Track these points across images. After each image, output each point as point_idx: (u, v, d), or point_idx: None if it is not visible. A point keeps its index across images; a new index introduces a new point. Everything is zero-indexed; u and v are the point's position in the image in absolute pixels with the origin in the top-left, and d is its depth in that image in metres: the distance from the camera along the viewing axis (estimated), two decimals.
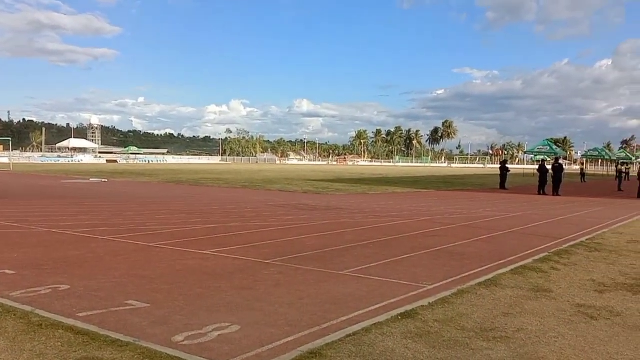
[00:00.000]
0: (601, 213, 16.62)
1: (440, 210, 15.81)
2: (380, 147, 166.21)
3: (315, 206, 16.12)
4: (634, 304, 5.72)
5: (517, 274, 6.98)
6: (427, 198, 21.18)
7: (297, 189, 24.63)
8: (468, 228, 11.82)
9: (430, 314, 5.11)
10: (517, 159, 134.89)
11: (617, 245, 9.80)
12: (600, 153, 66.18)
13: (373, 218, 13.14)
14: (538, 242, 9.87)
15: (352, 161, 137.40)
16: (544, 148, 47.57)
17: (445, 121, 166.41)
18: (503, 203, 19.52)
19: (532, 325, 4.88)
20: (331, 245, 8.94)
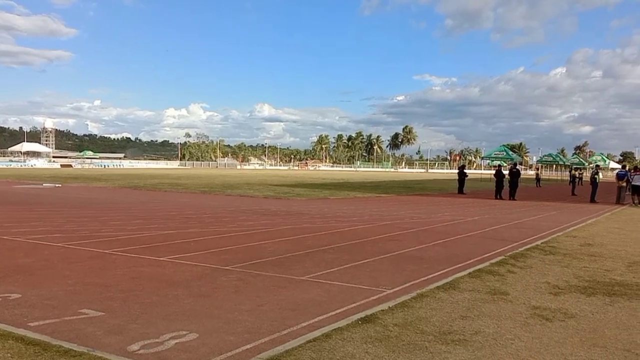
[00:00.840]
0: (555, 217, 17.08)
1: (400, 214, 15.96)
2: (342, 152, 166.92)
3: (276, 211, 16.04)
4: (587, 305, 5.87)
5: (475, 277, 7.09)
6: (387, 203, 21.37)
7: (258, 194, 24.47)
8: (427, 232, 11.96)
9: (390, 318, 5.13)
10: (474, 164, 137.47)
11: (570, 248, 10.06)
12: (555, 158, 68.18)
13: (334, 223, 13.16)
14: (495, 246, 10.06)
15: (314, 166, 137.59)
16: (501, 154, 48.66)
17: (405, 127, 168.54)
18: (461, 207, 19.85)
19: (489, 327, 4.95)
20: (292, 251, 8.90)
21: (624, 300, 6.15)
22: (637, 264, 8.60)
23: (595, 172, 28.28)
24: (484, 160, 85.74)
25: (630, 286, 6.90)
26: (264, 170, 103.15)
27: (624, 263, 8.63)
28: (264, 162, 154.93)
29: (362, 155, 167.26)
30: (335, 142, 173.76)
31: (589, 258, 9.01)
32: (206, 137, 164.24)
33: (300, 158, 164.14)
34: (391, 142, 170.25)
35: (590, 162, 62.69)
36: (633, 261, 8.83)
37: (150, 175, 49.08)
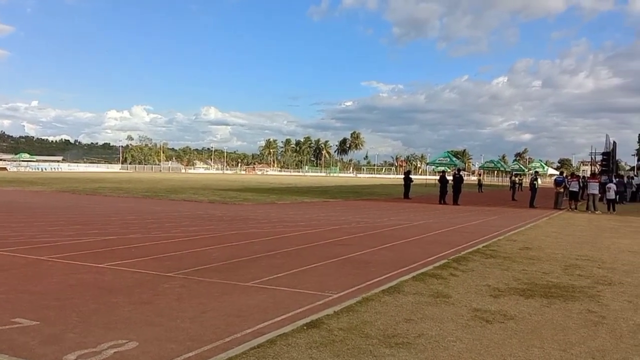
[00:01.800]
0: (496, 221, 17.59)
1: (347, 219, 16.06)
2: (290, 157, 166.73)
3: (222, 216, 15.83)
4: (526, 307, 6.05)
5: (419, 281, 7.19)
6: (335, 207, 21.47)
7: (203, 199, 24.09)
8: (373, 237, 12.07)
9: (335, 322, 5.13)
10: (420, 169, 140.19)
11: (510, 252, 10.37)
12: (496, 165, 70.38)
13: (281, 228, 13.10)
14: (438, 250, 10.25)
15: (261, 170, 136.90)
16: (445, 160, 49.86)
17: (353, 132, 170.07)
18: (407, 212, 20.17)
19: (432, 330, 5.02)
20: (238, 256, 8.78)
21: (560, 301, 6.38)
22: (573, 266, 8.94)
23: (534, 178, 29.38)
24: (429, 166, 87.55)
25: (567, 288, 7.16)
26: (210, 174, 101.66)
27: (561, 266, 8.95)
28: (210, 166, 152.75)
29: (311, 160, 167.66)
30: (284, 146, 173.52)
31: (528, 261, 9.30)
32: (149, 140, 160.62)
33: (247, 162, 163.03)
34: (339, 147, 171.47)
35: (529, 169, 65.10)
36: (569, 264, 9.18)
37: (90, 179, 47.53)
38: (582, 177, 33.72)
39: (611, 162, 40.21)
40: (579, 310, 6.01)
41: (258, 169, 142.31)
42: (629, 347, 4.78)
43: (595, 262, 9.44)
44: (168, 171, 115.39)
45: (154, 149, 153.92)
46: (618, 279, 7.98)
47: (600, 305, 6.29)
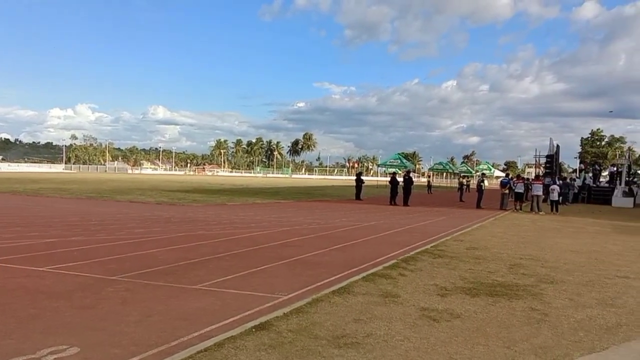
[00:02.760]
0: (444, 222, 17.92)
1: (299, 220, 16.01)
2: (241, 158, 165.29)
3: (170, 218, 15.49)
4: (472, 306, 6.17)
5: (368, 281, 7.22)
6: (286, 209, 21.38)
7: (150, 200, 23.54)
8: (324, 238, 12.08)
9: (284, 324, 5.08)
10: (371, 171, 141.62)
11: (457, 251, 10.57)
12: (445, 167, 71.97)
13: (231, 229, 12.93)
14: (388, 250, 10.34)
15: (212, 171, 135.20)
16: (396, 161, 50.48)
17: (306, 133, 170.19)
18: (358, 213, 20.29)
19: (381, 329, 5.05)
20: (185, 259, 8.60)
21: (505, 300, 6.53)
22: (518, 265, 9.19)
23: (481, 180, 30.13)
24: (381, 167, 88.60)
25: (511, 287, 7.35)
26: (158, 175, 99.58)
27: (506, 265, 9.19)
28: (158, 166, 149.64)
29: (262, 161, 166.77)
30: (234, 147, 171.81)
31: (474, 261, 9.50)
32: (94, 140, 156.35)
33: (197, 163, 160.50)
34: (291, 148, 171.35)
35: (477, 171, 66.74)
36: (514, 263, 9.43)
37: (32, 180, 45.71)
38: (527, 179, 34.84)
39: (555, 165, 41.65)
40: (522, 308, 6.17)
41: (208, 169, 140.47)
42: (569, 343, 4.94)
43: (538, 262, 9.73)
44: (114, 172, 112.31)
45: (99, 149, 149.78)
46: (560, 277, 8.24)
47: (543, 303, 6.48)
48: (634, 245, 12.87)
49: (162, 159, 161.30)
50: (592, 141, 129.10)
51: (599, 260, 10.18)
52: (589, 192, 38.92)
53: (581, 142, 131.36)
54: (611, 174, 42.57)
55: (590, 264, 9.76)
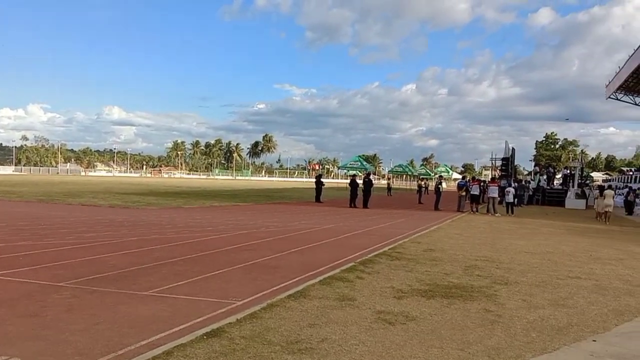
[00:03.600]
0: (403, 224, 18.04)
1: (257, 223, 15.82)
2: (199, 160, 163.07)
3: (123, 222, 15.06)
4: (427, 308, 6.16)
5: (325, 284, 7.14)
6: (245, 212, 21.14)
7: (103, 203, 22.88)
8: (283, 241, 11.95)
9: (237, 330, 4.95)
10: (332, 173, 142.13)
11: (415, 253, 10.61)
12: (404, 169, 72.96)
13: (186, 233, 12.65)
14: (346, 253, 10.29)
15: (168, 173, 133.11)
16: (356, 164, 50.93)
17: (266, 135, 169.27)
18: (317, 215, 20.24)
19: (336, 334, 4.97)
20: (137, 264, 8.33)
21: (460, 301, 6.55)
22: (473, 267, 9.28)
23: (439, 182, 30.53)
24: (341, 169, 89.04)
25: (466, 288, 7.39)
26: (112, 177, 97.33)
27: (461, 266, 9.26)
28: (113, 168, 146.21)
29: (221, 163, 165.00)
30: (192, 148, 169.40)
31: (431, 262, 9.55)
32: (46, 141, 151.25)
33: (153, 165, 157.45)
34: (251, 150, 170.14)
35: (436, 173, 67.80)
36: (469, 264, 9.52)
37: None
38: (483, 181, 35.53)
39: (510, 167, 42.62)
40: (477, 309, 6.20)
41: (165, 171, 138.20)
42: (522, 344, 4.96)
43: (493, 263, 9.85)
44: (66, 174, 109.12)
45: (51, 150, 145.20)
46: (514, 278, 8.35)
47: (497, 304, 6.53)
48: (586, 247, 13.21)
49: (116, 161, 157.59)
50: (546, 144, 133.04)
51: (551, 261, 10.38)
52: (543, 194, 39.97)
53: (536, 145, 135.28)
54: (564, 177, 43.85)
55: (543, 264, 9.95)
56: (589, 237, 16.02)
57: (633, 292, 7.70)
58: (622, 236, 16.88)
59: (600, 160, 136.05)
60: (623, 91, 49.02)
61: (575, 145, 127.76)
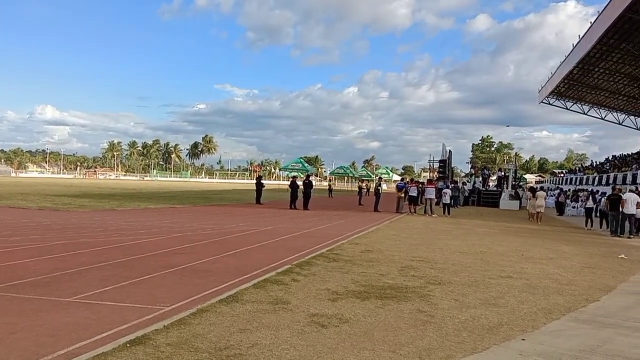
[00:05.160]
0: (343, 226, 18.09)
1: (193, 226, 15.45)
2: (136, 161, 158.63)
3: (51, 225, 14.36)
4: (361, 310, 6.12)
5: (260, 288, 6.99)
6: (181, 214, 20.63)
7: (32, 206, 21.81)
8: (218, 244, 11.69)
9: (163, 338, 4.74)
10: (274, 175, 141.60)
11: (352, 255, 10.61)
12: (346, 171, 73.59)
13: (118, 237, 12.17)
14: (283, 255, 10.16)
15: (104, 175, 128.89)
16: (298, 165, 50.90)
17: (206, 136, 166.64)
18: (257, 218, 20.01)
19: (267, 339, 4.84)
20: (62, 269, 7.91)
21: (394, 303, 6.56)
22: (409, 267, 9.36)
23: (379, 184, 30.90)
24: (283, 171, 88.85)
25: (401, 289, 7.42)
26: (44, 178, 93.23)
27: (397, 267, 9.32)
28: (46, 169, 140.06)
29: (159, 164, 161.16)
30: (129, 149, 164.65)
31: (368, 264, 9.56)
32: None
33: (88, 166, 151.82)
34: (191, 151, 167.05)
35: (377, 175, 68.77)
36: (405, 265, 9.59)
37: None
38: (422, 183, 36.25)
39: (447, 169, 43.71)
40: (410, 310, 6.22)
41: (100, 173, 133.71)
42: (453, 344, 4.99)
43: (429, 263, 9.98)
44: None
45: None
46: (448, 278, 8.47)
47: (430, 304, 6.58)
48: (518, 247, 13.63)
49: (49, 162, 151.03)
50: (482, 147, 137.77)
51: (485, 261, 10.63)
52: (479, 196, 41.19)
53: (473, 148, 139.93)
54: (499, 179, 45.36)
55: (476, 264, 10.16)
56: (522, 237, 16.57)
57: (562, 291, 7.95)
58: (553, 236, 17.55)
59: (533, 162, 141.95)
60: (555, 96, 51.41)
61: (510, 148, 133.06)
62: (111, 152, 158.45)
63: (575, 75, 41.20)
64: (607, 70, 38.90)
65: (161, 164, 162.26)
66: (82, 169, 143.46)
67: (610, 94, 46.16)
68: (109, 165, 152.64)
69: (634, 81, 40.00)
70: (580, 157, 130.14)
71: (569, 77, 41.61)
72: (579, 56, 35.69)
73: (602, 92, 46.28)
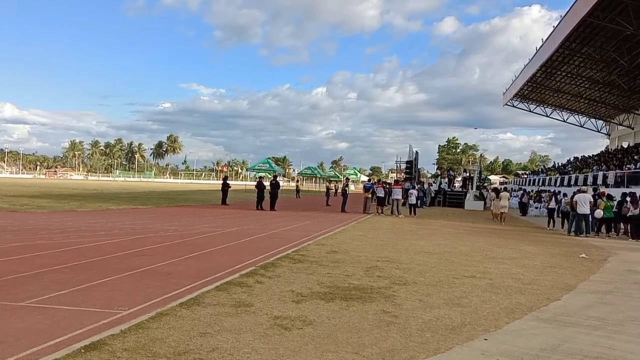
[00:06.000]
0: (310, 226, 18.01)
1: (155, 227, 15.13)
2: (98, 160, 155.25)
3: (7, 226, 13.85)
4: (325, 311, 6.05)
5: (222, 291, 6.85)
6: (144, 215, 20.20)
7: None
8: (181, 245, 11.46)
9: (120, 342, 4.57)
10: (241, 175, 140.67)
11: (318, 256, 10.54)
12: (314, 172, 73.60)
13: (76, 238, 11.80)
14: (248, 256, 10.01)
15: (64, 175, 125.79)
16: (265, 165, 50.62)
17: (170, 135, 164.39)
18: (222, 219, 19.77)
19: (228, 342, 4.72)
20: (15, 272, 7.60)
21: (359, 303, 6.51)
22: (374, 268, 9.34)
23: (346, 185, 30.98)
24: (250, 171, 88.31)
25: (366, 289, 7.38)
26: (1, 178, 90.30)
27: (363, 268, 9.29)
28: (3, 169, 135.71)
29: (122, 164, 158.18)
30: (91, 148, 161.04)
31: (333, 264, 9.50)
32: None
33: (48, 165, 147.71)
34: (155, 150, 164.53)
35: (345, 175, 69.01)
36: (371, 265, 9.57)
37: None
38: (389, 183, 36.49)
39: (414, 170, 44.14)
40: (374, 311, 6.18)
41: (61, 172, 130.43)
42: (416, 345, 4.96)
43: (394, 263, 9.98)
44: None
45: None
46: (413, 278, 8.48)
47: (395, 305, 6.55)
48: (482, 246, 13.79)
49: (7, 161, 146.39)
50: (448, 148, 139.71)
51: (449, 261, 10.69)
52: (445, 196, 41.72)
53: (439, 149, 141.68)
54: (464, 179, 46.01)
55: (441, 264, 10.21)
56: (486, 237, 16.79)
57: (524, 290, 8.03)
58: (516, 236, 17.84)
59: (498, 163, 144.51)
60: (519, 99, 52.53)
61: (475, 149, 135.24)
62: (72, 152, 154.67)
63: (538, 78, 42.19)
64: (569, 73, 39.93)
65: (124, 163, 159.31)
66: (42, 169, 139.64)
67: (572, 96, 47.40)
68: (70, 165, 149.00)
69: (594, 84, 41.14)
70: (542, 158, 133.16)
71: (532, 79, 42.58)
72: (541, 59, 36.53)
73: (564, 94, 47.49)
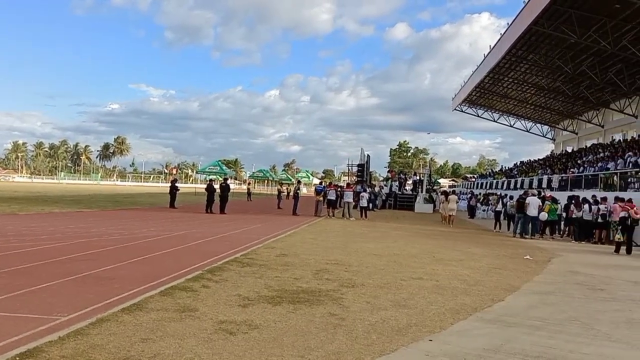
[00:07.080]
0: (260, 229, 17.88)
1: (100, 231, 14.68)
2: (42, 162, 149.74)
3: None
4: (272, 315, 6.00)
5: (166, 295, 6.70)
6: (88, 219, 19.58)
7: None
8: (126, 249, 11.16)
9: (57, 349, 4.41)
10: (191, 178, 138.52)
11: (267, 259, 10.46)
12: (266, 174, 73.16)
13: (16, 242, 11.32)
14: (195, 260, 9.84)
15: (6, 177, 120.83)
16: (215, 168, 49.96)
17: (118, 137, 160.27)
18: (170, 222, 19.38)
19: (170, 348, 4.62)
20: None
21: (306, 306, 6.50)
22: (323, 270, 9.35)
23: (298, 187, 31.00)
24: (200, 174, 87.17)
25: (314, 292, 7.38)
26: None
27: (312, 270, 9.29)
28: None
29: (68, 166, 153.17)
30: (35, 150, 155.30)
31: (282, 268, 9.46)
32: None
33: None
34: (102, 152, 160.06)
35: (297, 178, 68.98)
36: (320, 268, 9.58)
37: None
38: (340, 186, 36.72)
39: (365, 173, 44.62)
40: (322, 314, 6.18)
41: (2, 175, 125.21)
42: (362, 347, 4.99)
43: (343, 266, 10.03)
44: None
45: None
46: (361, 281, 8.54)
47: (342, 307, 6.58)
48: (430, 248, 14.04)
49: None
50: (399, 152, 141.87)
51: (397, 263, 10.83)
52: (395, 199, 42.34)
53: (390, 152, 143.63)
54: (414, 183, 46.84)
55: (389, 266, 10.33)
56: (434, 239, 17.11)
57: (469, 291, 8.22)
58: (464, 238, 18.26)
59: (447, 167, 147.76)
60: (467, 104, 53.88)
61: (425, 153, 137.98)
62: (15, 153, 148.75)
63: (486, 84, 43.42)
64: (516, 79, 41.31)
65: (69, 165, 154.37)
66: None
67: (518, 102, 49.04)
68: (13, 167, 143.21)
69: (540, 90, 42.70)
70: (491, 162, 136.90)
71: (480, 85, 43.78)
72: (489, 66, 37.62)
73: (511, 100, 49.09)
